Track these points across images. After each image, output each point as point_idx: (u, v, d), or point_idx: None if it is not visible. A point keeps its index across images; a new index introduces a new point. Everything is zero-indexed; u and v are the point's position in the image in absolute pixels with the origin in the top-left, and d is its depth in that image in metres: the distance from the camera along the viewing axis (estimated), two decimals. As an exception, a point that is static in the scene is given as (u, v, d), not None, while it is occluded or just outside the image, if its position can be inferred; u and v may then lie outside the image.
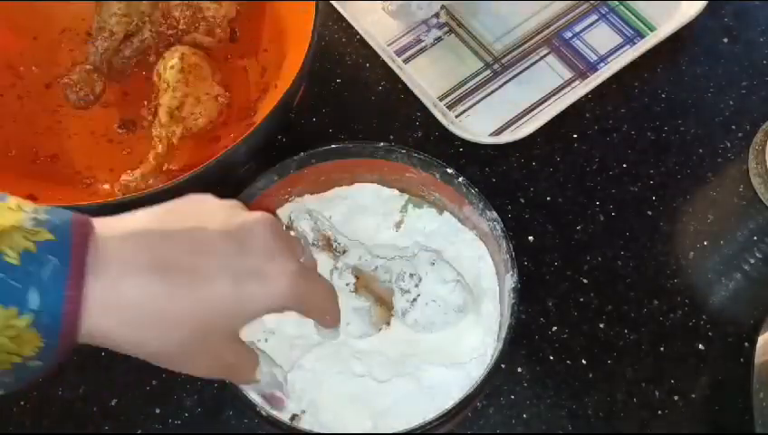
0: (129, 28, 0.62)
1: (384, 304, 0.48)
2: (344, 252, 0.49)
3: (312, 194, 0.52)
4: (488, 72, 0.66)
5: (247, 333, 0.44)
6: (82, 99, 0.61)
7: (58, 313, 0.32)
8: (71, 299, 0.32)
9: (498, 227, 0.48)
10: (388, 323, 0.48)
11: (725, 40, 0.67)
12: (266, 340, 0.48)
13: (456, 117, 0.63)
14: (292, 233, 0.49)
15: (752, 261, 0.58)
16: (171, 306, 0.35)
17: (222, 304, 0.36)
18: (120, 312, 0.34)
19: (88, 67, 0.61)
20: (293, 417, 0.45)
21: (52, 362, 0.34)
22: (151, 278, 0.35)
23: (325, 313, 0.43)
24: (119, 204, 0.49)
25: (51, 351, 0.33)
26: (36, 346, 0.32)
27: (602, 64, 0.66)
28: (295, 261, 0.39)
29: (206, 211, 0.39)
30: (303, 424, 0.45)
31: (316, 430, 0.45)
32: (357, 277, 0.48)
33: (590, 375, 0.53)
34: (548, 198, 0.60)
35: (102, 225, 0.35)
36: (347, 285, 0.48)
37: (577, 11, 0.69)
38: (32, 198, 0.51)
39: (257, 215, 0.39)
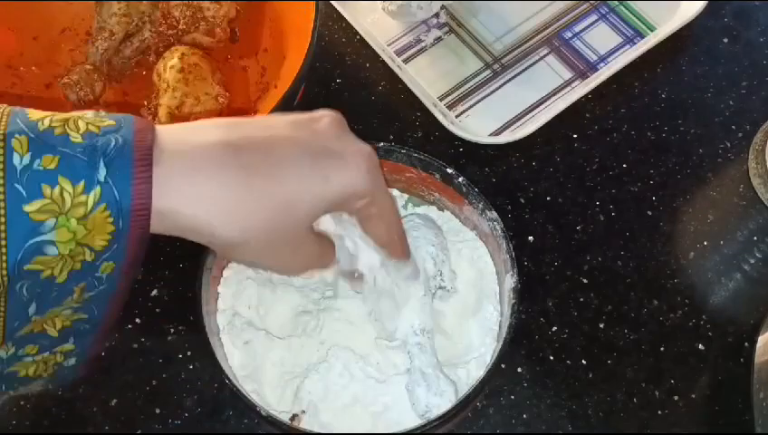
0: (129, 28, 0.62)
1: None
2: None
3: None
4: (488, 72, 0.66)
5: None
6: (82, 99, 0.61)
7: (127, 184, 0.31)
8: (138, 170, 0.31)
9: (498, 227, 0.48)
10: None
11: (725, 40, 0.67)
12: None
13: (456, 117, 0.63)
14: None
15: (752, 261, 0.58)
16: (249, 187, 0.33)
17: (302, 182, 0.35)
18: (196, 195, 0.33)
19: (88, 67, 0.61)
20: (293, 417, 0.45)
21: (124, 261, 0.32)
22: (222, 156, 0.33)
23: (392, 225, 0.40)
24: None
25: (122, 241, 0.32)
26: (107, 233, 0.31)
27: (602, 64, 0.66)
28: (369, 146, 0.38)
29: (267, 117, 0.38)
30: (303, 424, 0.45)
31: (316, 429, 0.45)
32: None
33: (590, 375, 0.53)
34: (548, 198, 0.60)
35: (164, 127, 0.34)
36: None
37: (577, 11, 0.69)
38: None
39: (322, 111, 0.38)
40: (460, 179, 0.49)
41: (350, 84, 0.66)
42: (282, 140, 0.35)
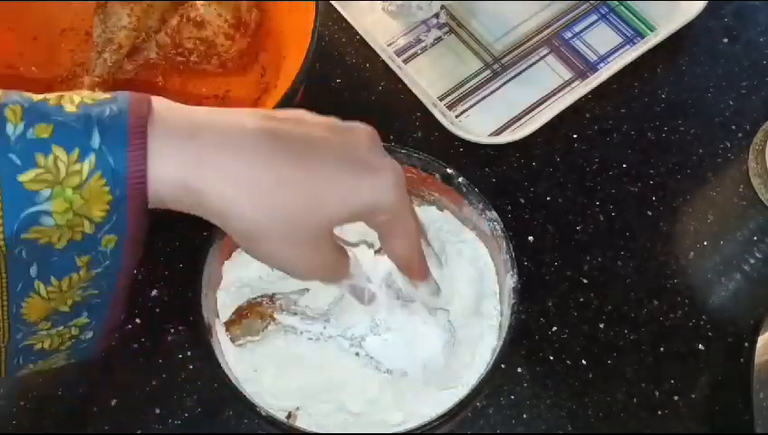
0: (136, 42, 0.62)
1: None
2: None
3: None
4: (488, 72, 0.66)
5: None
6: None
7: (122, 151, 0.31)
8: (133, 137, 0.31)
9: (498, 227, 0.48)
10: None
11: (725, 40, 0.67)
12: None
13: (456, 117, 0.63)
14: None
15: (752, 261, 0.58)
16: (281, 174, 0.33)
17: (335, 188, 0.34)
18: (226, 176, 0.32)
19: (97, 80, 0.60)
20: (289, 414, 0.46)
21: (126, 236, 0.32)
22: (255, 139, 0.33)
23: (412, 243, 0.40)
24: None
25: (122, 211, 0.31)
26: (105, 202, 0.31)
27: (602, 64, 0.66)
28: (396, 162, 0.38)
29: (306, 113, 0.37)
30: (299, 420, 0.45)
31: (313, 426, 0.45)
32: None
33: (590, 375, 0.53)
34: (548, 198, 0.60)
35: (175, 103, 0.34)
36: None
37: (577, 11, 0.69)
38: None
39: (357, 123, 0.38)
40: (460, 179, 0.49)
41: (350, 84, 0.66)
42: (318, 139, 0.35)
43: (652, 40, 0.65)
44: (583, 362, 0.54)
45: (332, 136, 0.36)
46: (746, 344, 0.54)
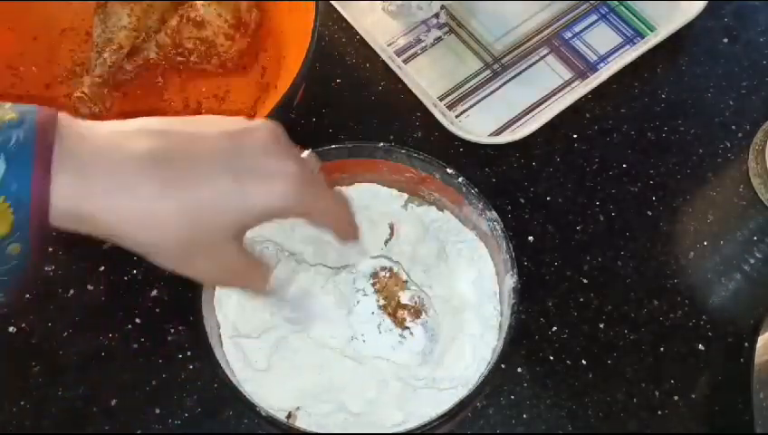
0: (135, 42, 0.62)
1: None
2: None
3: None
4: (488, 72, 0.66)
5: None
6: (96, 114, 0.60)
7: (26, 181, 0.32)
8: (37, 168, 0.32)
9: (498, 227, 0.48)
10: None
11: (725, 40, 0.67)
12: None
13: (456, 117, 0.63)
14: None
15: (752, 261, 0.58)
16: (163, 201, 0.34)
17: (219, 200, 0.35)
18: (112, 204, 0.34)
19: (97, 80, 0.60)
20: (289, 414, 0.46)
21: (29, 245, 0.34)
22: (141, 167, 0.34)
23: (339, 220, 0.41)
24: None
25: (24, 230, 0.33)
26: (8, 222, 0.32)
27: (602, 64, 0.66)
28: (299, 163, 0.38)
29: (206, 119, 0.38)
30: (299, 420, 0.45)
31: (313, 426, 0.45)
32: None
33: (590, 375, 0.53)
34: (548, 198, 0.60)
35: (90, 124, 0.35)
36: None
37: (577, 11, 0.69)
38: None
39: (259, 121, 0.38)
40: (460, 179, 0.49)
41: (350, 84, 0.66)
42: (207, 154, 0.36)
43: (652, 40, 0.65)
44: (583, 362, 0.54)
45: (223, 146, 0.36)
46: (746, 344, 0.54)
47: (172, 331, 0.55)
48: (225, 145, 0.36)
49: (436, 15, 0.68)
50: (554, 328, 0.55)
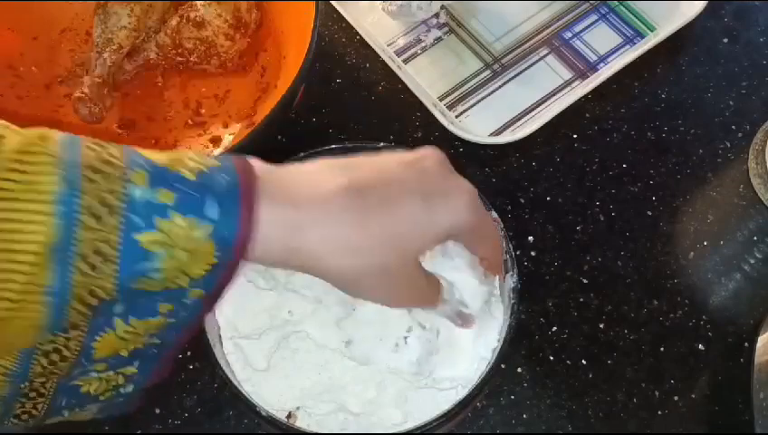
0: (135, 42, 0.62)
1: None
2: None
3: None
4: (488, 72, 0.66)
5: None
6: (96, 115, 0.60)
7: (234, 222, 0.33)
8: (244, 210, 0.33)
9: (498, 228, 0.48)
10: None
11: (725, 40, 0.67)
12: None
13: (456, 117, 0.63)
14: None
15: (752, 261, 0.58)
16: (368, 229, 0.36)
17: (415, 223, 0.37)
18: (319, 237, 0.35)
19: (97, 80, 0.60)
20: (289, 414, 0.46)
21: (212, 293, 0.34)
22: (342, 198, 0.35)
23: (495, 247, 0.44)
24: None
25: (219, 273, 0.33)
26: (208, 264, 0.33)
27: (602, 64, 0.66)
28: (468, 182, 0.40)
29: (381, 155, 0.39)
30: (299, 420, 0.45)
31: (313, 426, 0.45)
32: None
33: (590, 375, 0.53)
34: (548, 198, 0.60)
35: (271, 165, 0.36)
36: None
37: (577, 11, 0.69)
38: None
39: (427, 148, 0.40)
40: (460, 179, 0.49)
41: (350, 84, 0.66)
42: (395, 182, 0.37)
43: (652, 40, 0.65)
44: (583, 362, 0.54)
45: (407, 174, 0.38)
46: (746, 344, 0.54)
47: (172, 331, 0.55)
48: (409, 172, 0.38)
49: (436, 15, 0.68)
50: (554, 328, 0.55)
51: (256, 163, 0.36)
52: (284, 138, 0.62)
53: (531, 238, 0.58)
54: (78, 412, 0.39)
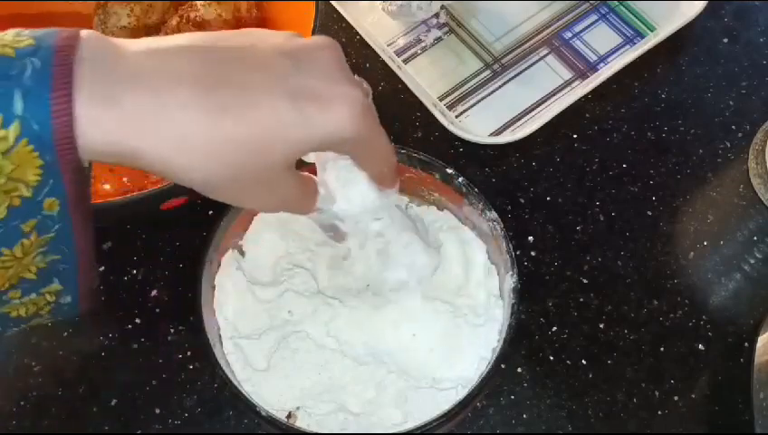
0: None
1: None
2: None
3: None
4: (488, 72, 0.66)
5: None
6: None
7: (46, 116, 0.29)
8: (57, 101, 0.29)
9: (498, 227, 0.48)
10: None
11: (725, 40, 0.67)
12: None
13: (456, 117, 0.63)
14: None
15: (752, 261, 0.58)
16: (219, 128, 0.31)
17: (277, 124, 0.32)
18: (161, 137, 0.31)
19: None
20: (289, 414, 0.46)
21: (67, 198, 0.31)
22: (190, 92, 0.31)
23: (388, 161, 0.39)
24: (119, 204, 0.50)
25: (56, 175, 0.30)
26: (36, 167, 0.29)
27: (602, 64, 0.66)
28: (360, 88, 0.35)
29: (258, 33, 0.35)
30: (299, 420, 0.45)
31: (313, 426, 0.45)
32: None
33: (590, 375, 0.53)
34: (548, 198, 0.60)
35: (121, 42, 0.31)
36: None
37: (577, 11, 0.69)
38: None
39: (319, 38, 0.36)
40: (460, 179, 0.49)
41: (350, 84, 0.66)
42: (259, 74, 0.33)
43: (652, 40, 0.65)
44: (583, 362, 0.54)
45: (279, 63, 0.33)
46: (746, 344, 0.54)
47: (172, 331, 0.55)
48: (280, 64, 0.33)
49: (436, 15, 0.68)
50: (554, 328, 0.55)
51: (90, 39, 0.31)
52: (284, 138, 0.62)
53: (531, 238, 0.58)
54: (29, 326, 0.37)
